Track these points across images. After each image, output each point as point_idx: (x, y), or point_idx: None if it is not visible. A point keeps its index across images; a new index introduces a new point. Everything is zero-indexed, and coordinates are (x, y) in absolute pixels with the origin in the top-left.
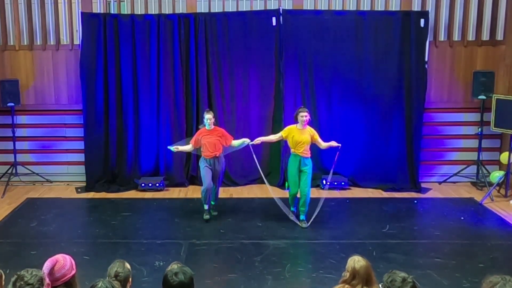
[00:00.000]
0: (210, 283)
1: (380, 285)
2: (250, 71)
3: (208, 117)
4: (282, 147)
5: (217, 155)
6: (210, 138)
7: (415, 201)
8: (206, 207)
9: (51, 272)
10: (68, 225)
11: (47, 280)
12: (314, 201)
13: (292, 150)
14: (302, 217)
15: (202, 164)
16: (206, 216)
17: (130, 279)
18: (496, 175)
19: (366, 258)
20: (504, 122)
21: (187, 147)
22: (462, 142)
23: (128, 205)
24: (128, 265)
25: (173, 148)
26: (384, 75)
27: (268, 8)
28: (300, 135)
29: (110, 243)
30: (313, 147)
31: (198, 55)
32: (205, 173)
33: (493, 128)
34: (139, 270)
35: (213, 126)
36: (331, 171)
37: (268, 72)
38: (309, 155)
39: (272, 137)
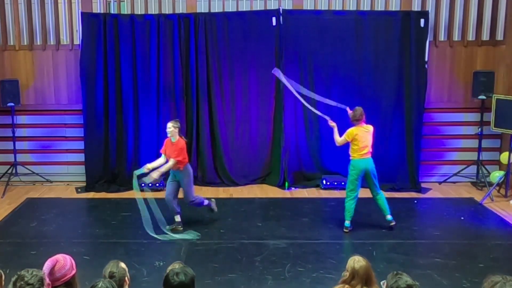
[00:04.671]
0: (210, 283)
1: (382, 283)
2: (250, 71)
3: (167, 125)
4: (282, 147)
5: (181, 168)
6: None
7: (415, 201)
8: (176, 218)
9: (51, 272)
10: (68, 225)
11: (47, 280)
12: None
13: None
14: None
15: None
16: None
17: (127, 279)
18: (496, 175)
19: (366, 258)
20: (504, 122)
21: (160, 160)
22: (462, 142)
23: (128, 205)
24: (123, 265)
25: (145, 170)
26: (384, 75)
27: (268, 8)
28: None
29: (110, 243)
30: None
31: (198, 55)
32: (168, 185)
33: (493, 128)
34: (139, 270)
35: (177, 137)
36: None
37: (268, 72)
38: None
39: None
